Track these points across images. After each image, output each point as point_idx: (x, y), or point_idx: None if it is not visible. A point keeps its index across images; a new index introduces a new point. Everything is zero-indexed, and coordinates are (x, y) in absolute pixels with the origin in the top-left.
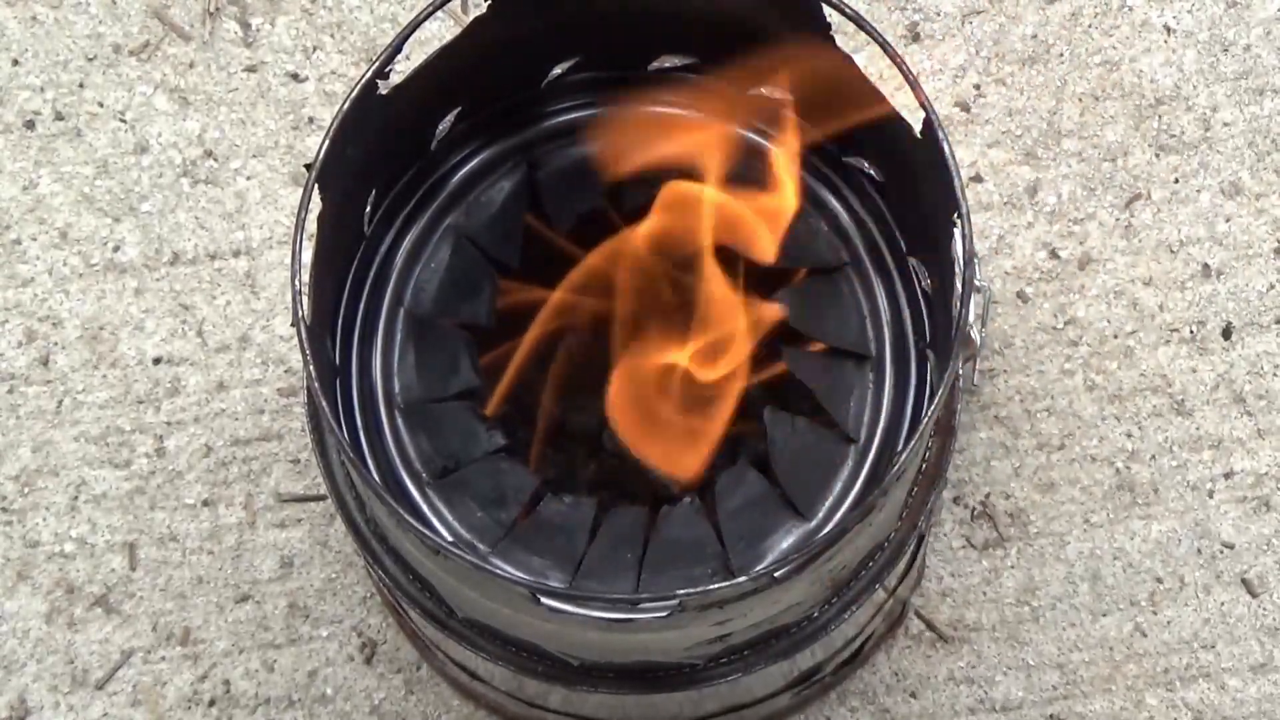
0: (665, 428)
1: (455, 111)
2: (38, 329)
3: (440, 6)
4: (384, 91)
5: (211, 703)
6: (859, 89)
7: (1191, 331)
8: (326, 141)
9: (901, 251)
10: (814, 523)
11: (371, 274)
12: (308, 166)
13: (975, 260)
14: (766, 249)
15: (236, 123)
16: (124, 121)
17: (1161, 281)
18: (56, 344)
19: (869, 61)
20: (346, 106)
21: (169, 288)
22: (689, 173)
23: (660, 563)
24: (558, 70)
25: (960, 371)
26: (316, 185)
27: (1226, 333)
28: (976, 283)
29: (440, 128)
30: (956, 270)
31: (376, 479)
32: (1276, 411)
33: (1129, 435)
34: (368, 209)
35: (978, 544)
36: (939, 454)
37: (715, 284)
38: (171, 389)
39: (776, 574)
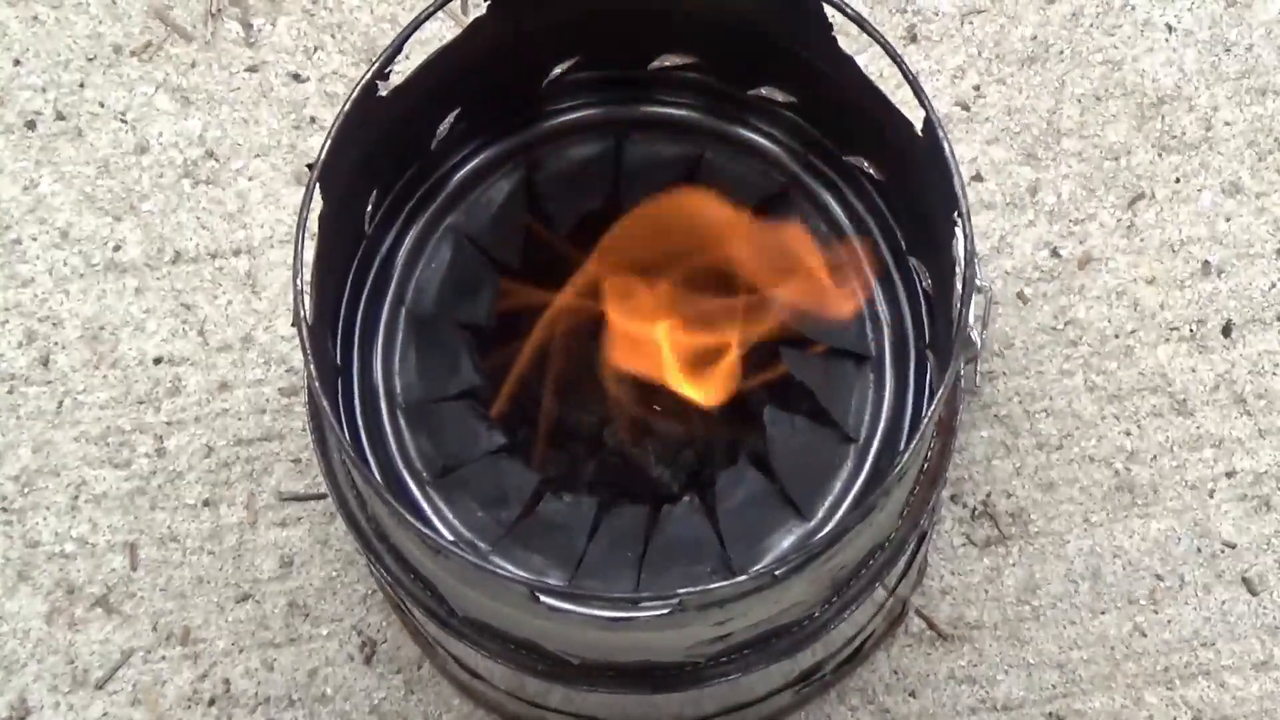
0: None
1: (455, 112)
2: (38, 329)
3: (440, 7)
4: (384, 92)
5: (211, 702)
6: None
7: (1191, 330)
8: (328, 141)
9: (902, 251)
10: (814, 522)
11: (372, 274)
12: (309, 166)
13: (975, 260)
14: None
15: (238, 123)
16: (125, 121)
17: (1162, 281)
18: (57, 344)
19: (870, 61)
20: (347, 107)
21: (170, 287)
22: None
23: (660, 562)
24: (558, 70)
25: (961, 372)
26: (318, 185)
27: (1226, 331)
28: (977, 283)
29: (440, 128)
30: (957, 270)
31: (377, 478)
32: (1277, 411)
33: (1129, 435)
34: (368, 209)
35: (978, 542)
36: (939, 454)
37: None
38: (172, 389)
39: (777, 573)
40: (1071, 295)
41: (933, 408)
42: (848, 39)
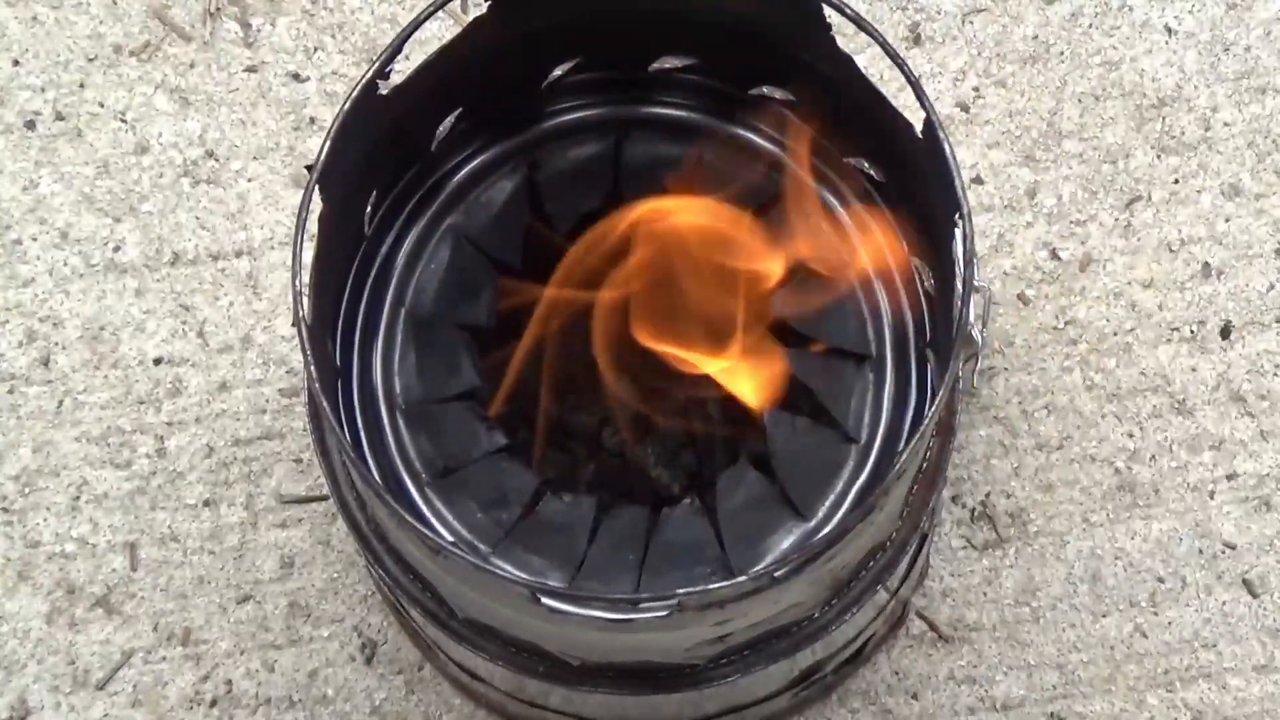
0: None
1: (456, 112)
2: (38, 329)
3: (440, 7)
4: (384, 92)
5: (213, 703)
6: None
7: (1191, 331)
8: (327, 142)
9: (903, 251)
10: (814, 522)
11: (372, 274)
12: (309, 167)
13: (976, 261)
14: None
15: (237, 123)
16: (124, 122)
17: (1161, 282)
18: (57, 344)
19: (870, 62)
20: (347, 107)
21: (170, 288)
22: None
23: (660, 563)
24: (558, 71)
25: (960, 371)
26: (317, 186)
27: (1225, 332)
28: (977, 283)
29: (440, 128)
30: (957, 271)
31: (377, 479)
32: (1277, 412)
33: (1129, 435)
34: (368, 210)
35: (978, 544)
36: (939, 454)
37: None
38: (173, 389)
39: (776, 574)
40: (1071, 296)
41: (934, 407)
42: (848, 39)
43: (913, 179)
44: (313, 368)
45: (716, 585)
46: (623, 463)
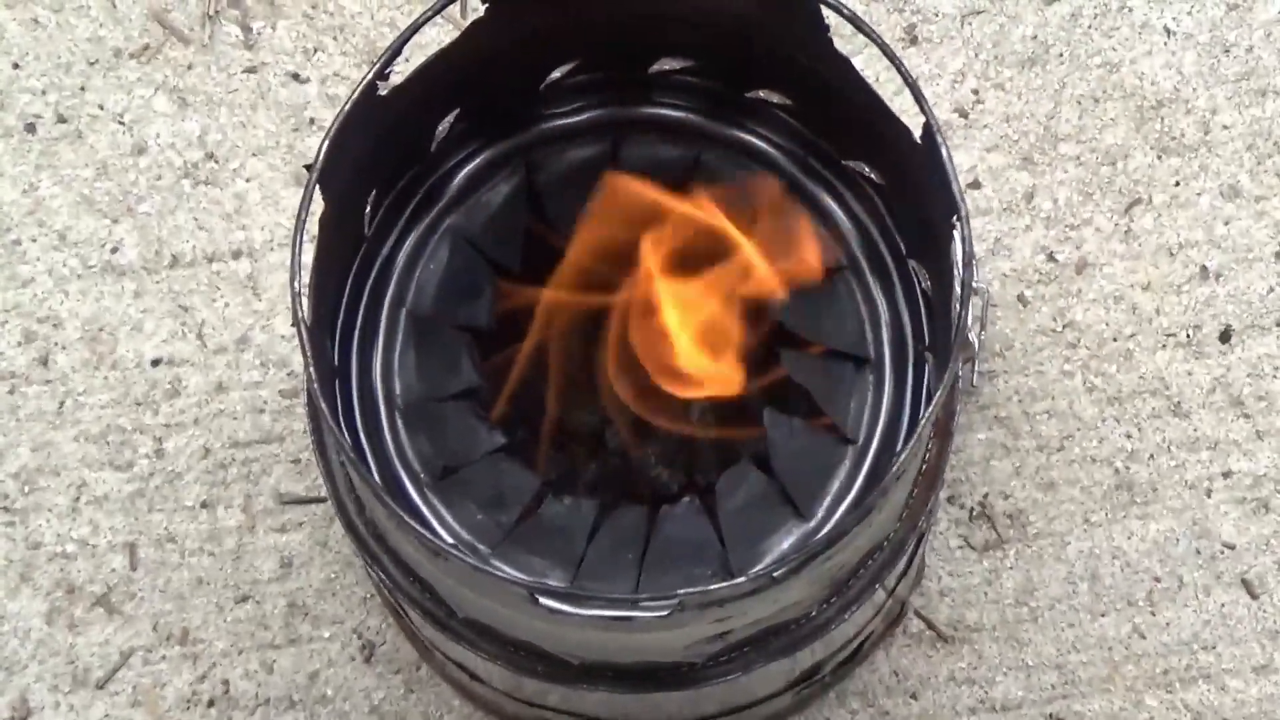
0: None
1: (454, 113)
2: (37, 329)
3: (440, 9)
4: (384, 93)
5: (211, 703)
6: None
7: (1189, 334)
8: (326, 142)
9: (901, 254)
10: (813, 523)
11: (372, 275)
12: (308, 167)
13: (974, 263)
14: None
15: (237, 124)
16: (124, 124)
17: (1160, 285)
18: (56, 344)
19: (867, 64)
20: (347, 108)
21: (168, 289)
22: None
23: (660, 563)
24: (556, 73)
25: (959, 373)
26: (318, 185)
27: (1225, 336)
28: (975, 285)
29: (440, 129)
30: (955, 273)
31: (377, 480)
32: (1276, 414)
33: (1128, 436)
34: (368, 210)
35: (977, 544)
36: (938, 455)
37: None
38: (171, 390)
39: (776, 574)
40: (1070, 298)
41: (931, 409)
42: (845, 40)
43: (911, 181)
44: (312, 368)
45: (717, 586)
46: (623, 463)
